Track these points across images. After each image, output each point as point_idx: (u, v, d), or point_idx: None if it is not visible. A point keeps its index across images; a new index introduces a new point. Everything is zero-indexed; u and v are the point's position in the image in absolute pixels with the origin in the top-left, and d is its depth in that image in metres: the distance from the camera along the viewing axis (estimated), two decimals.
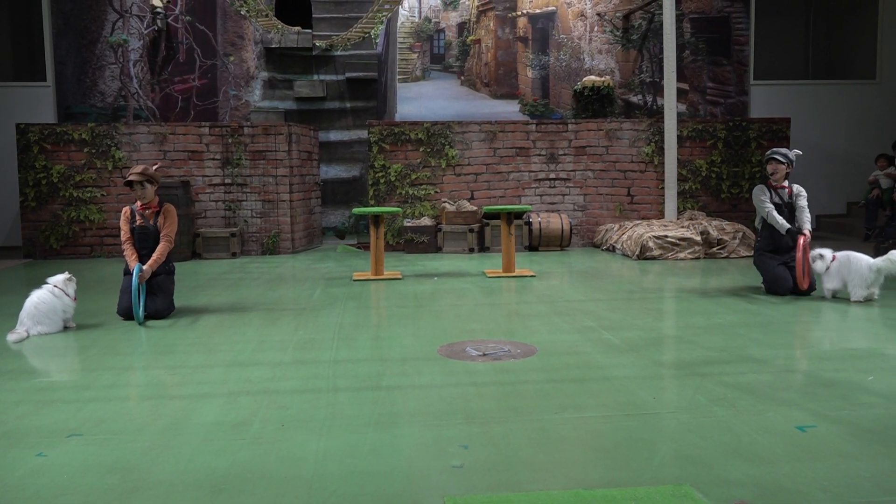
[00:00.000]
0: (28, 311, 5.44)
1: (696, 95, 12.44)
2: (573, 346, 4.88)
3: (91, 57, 11.72)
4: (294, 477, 2.87)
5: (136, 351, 4.97)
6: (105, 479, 2.87)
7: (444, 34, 12.41)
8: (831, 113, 12.59)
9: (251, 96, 12.03)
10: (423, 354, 4.74)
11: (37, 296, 5.50)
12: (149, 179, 6.14)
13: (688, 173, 10.76)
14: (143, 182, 6.11)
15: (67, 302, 5.60)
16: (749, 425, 3.34)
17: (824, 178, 12.24)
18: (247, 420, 3.53)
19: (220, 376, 4.32)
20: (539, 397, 3.82)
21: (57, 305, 5.51)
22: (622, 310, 6.12)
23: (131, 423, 3.51)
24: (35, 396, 3.96)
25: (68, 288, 5.61)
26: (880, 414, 3.47)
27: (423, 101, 12.37)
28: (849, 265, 6.16)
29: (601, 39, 12.35)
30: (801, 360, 4.53)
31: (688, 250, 9.32)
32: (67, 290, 5.60)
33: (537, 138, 10.94)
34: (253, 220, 10.49)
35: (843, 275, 6.20)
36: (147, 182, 6.14)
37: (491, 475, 2.87)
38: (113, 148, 10.29)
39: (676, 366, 4.46)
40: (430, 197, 10.79)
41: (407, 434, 3.31)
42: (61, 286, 5.58)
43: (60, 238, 10.26)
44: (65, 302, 5.57)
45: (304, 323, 5.79)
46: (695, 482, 2.76)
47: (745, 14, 12.38)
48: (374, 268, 8.03)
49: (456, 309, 6.30)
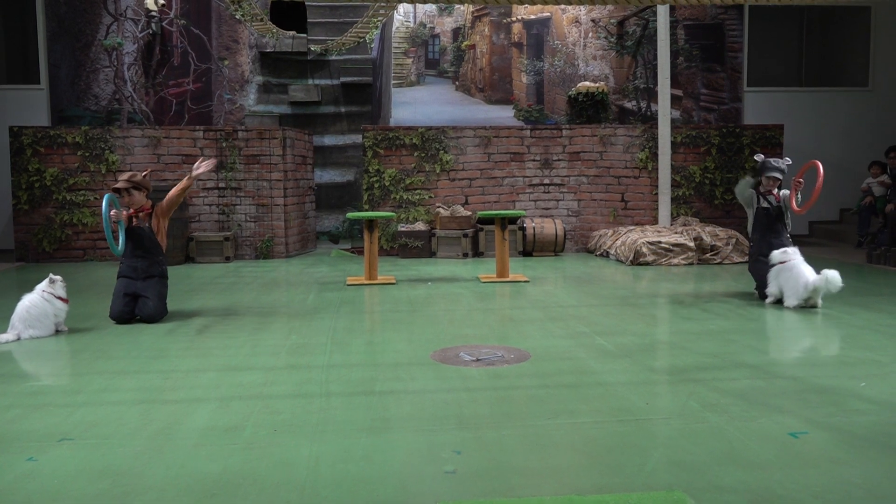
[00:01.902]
0: (19, 315, 5.42)
1: (689, 102, 12.48)
2: (567, 352, 4.88)
3: (85, 60, 11.69)
4: (286, 482, 2.87)
5: (129, 355, 4.96)
6: (96, 484, 2.86)
7: (439, 39, 12.43)
8: (824, 120, 12.64)
9: (246, 100, 12.02)
10: (417, 359, 4.74)
11: (28, 300, 5.48)
12: (135, 186, 6.13)
13: (681, 179, 10.79)
14: (129, 189, 6.11)
15: (59, 305, 5.57)
16: (741, 431, 3.34)
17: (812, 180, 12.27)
18: (239, 425, 3.51)
19: (212, 381, 4.30)
20: (532, 403, 3.82)
21: (48, 309, 5.49)
22: (616, 315, 6.13)
23: (123, 428, 3.49)
24: (26, 400, 3.94)
25: (56, 290, 5.59)
26: (872, 420, 3.48)
27: (418, 106, 12.38)
28: (789, 274, 6.27)
29: (595, 45, 12.38)
30: (793, 367, 4.54)
31: (681, 256, 9.34)
32: (56, 292, 5.58)
33: (532, 144, 10.96)
34: (247, 224, 10.47)
35: (780, 282, 6.34)
36: (134, 189, 6.12)
37: (484, 481, 2.87)
38: (107, 151, 10.27)
39: (669, 372, 4.47)
40: (424, 202, 10.79)
41: (400, 439, 3.31)
42: (49, 290, 5.55)
43: (53, 241, 10.22)
44: (56, 306, 5.55)
45: (297, 328, 5.77)
46: (687, 488, 2.76)
47: (738, 21, 12.44)
48: (368, 272, 8.03)
49: (450, 314, 6.30)
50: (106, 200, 5.83)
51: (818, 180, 6.49)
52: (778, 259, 6.37)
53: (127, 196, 6.12)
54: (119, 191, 6.12)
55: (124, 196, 6.13)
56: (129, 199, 6.14)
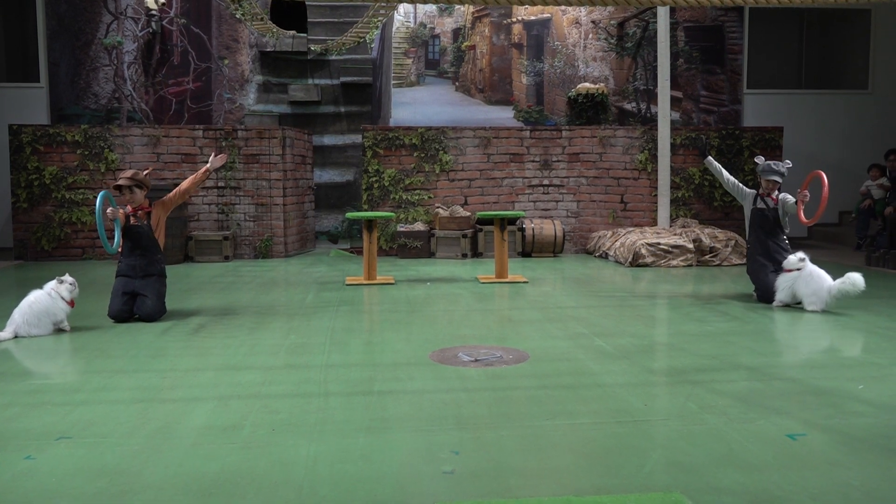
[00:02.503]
0: (21, 310, 5.41)
1: (689, 103, 12.49)
2: (565, 353, 4.88)
3: (85, 58, 11.69)
4: (284, 482, 2.86)
5: (127, 354, 4.95)
6: (94, 483, 2.86)
7: (439, 40, 12.43)
8: (824, 122, 12.65)
9: (246, 100, 12.01)
10: (415, 360, 4.74)
11: (34, 296, 5.47)
12: (138, 184, 6.13)
13: (681, 181, 10.80)
14: (131, 187, 6.11)
15: (61, 306, 5.55)
16: (740, 433, 3.35)
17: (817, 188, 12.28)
18: (237, 424, 3.51)
19: (210, 380, 4.30)
20: (531, 403, 3.82)
21: (50, 308, 5.48)
22: (614, 317, 6.13)
23: (121, 427, 3.49)
24: (25, 399, 3.93)
25: (62, 291, 5.57)
26: (870, 422, 3.48)
27: (418, 107, 12.38)
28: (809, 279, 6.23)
29: (595, 47, 12.39)
30: (792, 369, 4.54)
31: (680, 258, 9.34)
32: (63, 293, 5.56)
33: (531, 144, 10.96)
34: (246, 224, 10.47)
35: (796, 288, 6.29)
36: (136, 187, 6.12)
37: (482, 481, 2.87)
38: (106, 150, 10.26)
39: (668, 373, 4.47)
40: (423, 202, 10.79)
41: (398, 439, 3.31)
42: (56, 289, 5.55)
43: (52, 240, 10.21)
44: (59, 306, 5.53)
45: (296, 327, 5.77)
46: (685, 489, 2.76)
47: (738, 23, 12.45)
48: (367, 272, 8.02)
49: (448, 314, 6.30)
50: (100, 198, 5.81)
51: (824, 189, 6.51)
52: (794, 265, 6.32)
53: (129, 194, 6.12)
54: (121, 188, 6.11)
55: (126, 194, 6.12)
56: (131, 197, 6.13)
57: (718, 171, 7.20)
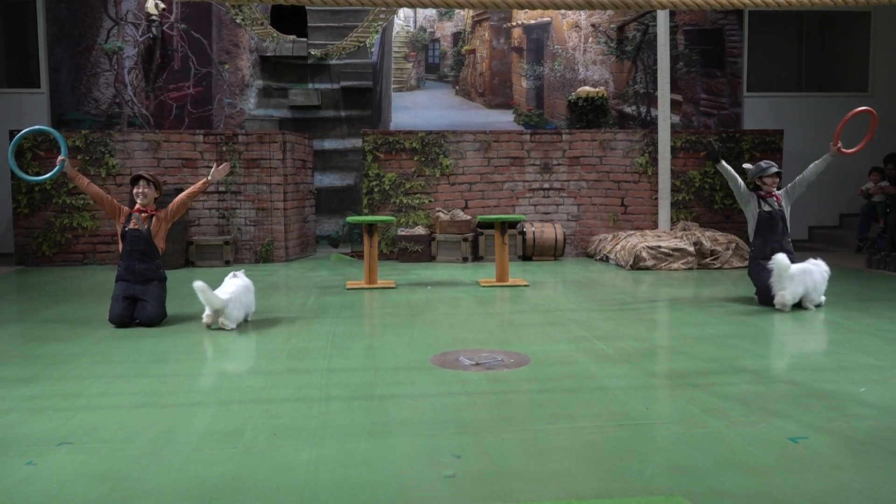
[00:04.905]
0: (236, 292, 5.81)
1: (689, 106, 12.49)
2: (566, 356, 4.88)
3: (86, 64, 11.70)
4: (286, 486, 2.86)
5: (128, 359, 4.95)
6: (95, 488, 2.86)
7: (439, 44, 12.44)
8: (824, 125, 12.61)
9: (246, 104, 12.03)
10: (417, 364, 4.74)
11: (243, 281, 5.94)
12: (156, 183, 6.21)
13: (681, 184, 10.80)
14: (150, 182, 6.17)
15: (252, 300, 6.04)
16: (741, 436, 3.34)
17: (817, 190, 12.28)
18: (238, 429, 3.51)
19: (211, 385, 4.30)
20: (532, 407, 3.81)
21: (243, 300, 5.88)
22: (615, 320, 6.13)
23: (122, 432, 3.49)
24: (26, 404, 3.94)
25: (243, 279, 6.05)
26: (872, 425, 3.48)
27: (418, 111, 12.39)
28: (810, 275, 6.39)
29: (595, 50, 12.40)
30: (793, 371, 4.54)
31: (681, 261, 9.34)
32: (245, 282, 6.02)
33: (531, 148, 10.97)
34: (246, 228, 10.47)
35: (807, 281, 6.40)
36: (154, 185, 6.19)
37: (483, 485, 2.86)
38: (107, 155, 10.27)
39: (669, 376, 4.46)
40: (424, 206, 10.79)
41: (399, 443, 3.31)
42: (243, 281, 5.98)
43: (53, 245, 10.22)
44: (251, 299, 6.03)
45: (296, 331, 5.77)
46: (687, 493, 2.76)
47: (738, 26, 12.46)
48: (368, 276, 8.02)
49: (449, 318, 6.30)
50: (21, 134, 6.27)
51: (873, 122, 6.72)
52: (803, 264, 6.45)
53: (145, 187, 6.15)
54: (141, 178, 6.14)
55: (142, 186, 6.14)
56: (145, 191, 6.15)
57: (733, 176, 6.94)
